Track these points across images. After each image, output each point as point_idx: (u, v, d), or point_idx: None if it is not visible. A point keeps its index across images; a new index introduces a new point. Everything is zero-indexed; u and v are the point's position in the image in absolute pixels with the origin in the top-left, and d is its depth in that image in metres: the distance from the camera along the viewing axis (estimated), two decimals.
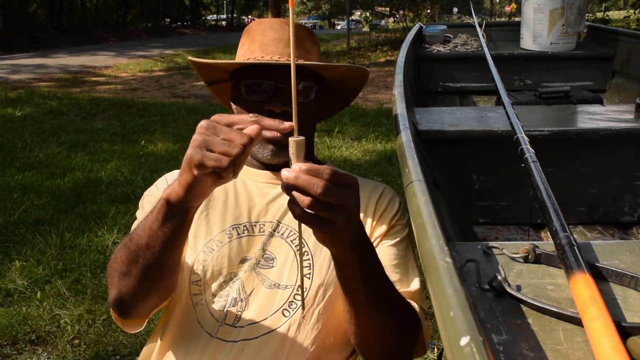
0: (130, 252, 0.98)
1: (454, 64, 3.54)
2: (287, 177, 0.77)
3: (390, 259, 1.12)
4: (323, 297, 1.10)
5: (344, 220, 0.81)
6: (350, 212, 0.82)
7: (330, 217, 0.79)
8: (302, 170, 0.77)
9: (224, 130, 0.82)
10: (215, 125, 0.83)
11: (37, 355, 2.38)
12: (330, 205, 0.78)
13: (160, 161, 5.16)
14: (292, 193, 0.78)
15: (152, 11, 35.95)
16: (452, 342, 0.60)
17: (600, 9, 20.36)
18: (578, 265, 0.85)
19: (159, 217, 0.92)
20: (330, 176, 0.78)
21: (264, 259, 1.12)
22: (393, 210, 1.19)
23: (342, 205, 0.80)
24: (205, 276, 1.11)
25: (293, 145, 0.80)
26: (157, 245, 0.94)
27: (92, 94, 9.06)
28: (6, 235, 3.50)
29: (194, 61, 1.22)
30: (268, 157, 1.16)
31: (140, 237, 0.95)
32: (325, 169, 0.78)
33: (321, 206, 0.78)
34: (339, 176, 0.79)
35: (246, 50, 1.21)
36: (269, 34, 1.18)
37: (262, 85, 1.14)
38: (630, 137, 1.87)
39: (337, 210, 0.79)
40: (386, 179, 4.46)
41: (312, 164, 0.79)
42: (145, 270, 0.97)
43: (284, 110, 1.12)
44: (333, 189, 0.77)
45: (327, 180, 0.77)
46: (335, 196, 0.78)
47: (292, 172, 0.78)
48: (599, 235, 1.88)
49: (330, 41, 20.25)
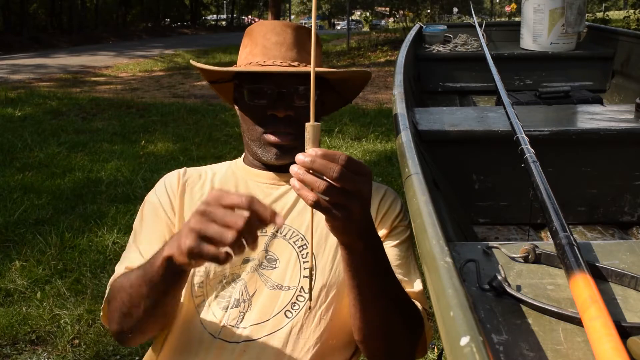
0: (132, 298, 1.00)
1: (454, 64, 3.54)
2: (304, 162, 0.78)
3: (393, 259, 1.12)
4: (326, 298, 1.10)
5: (357, 207, 0.81)
6: (364, 199, 0.83)
7: (345, 203, 0.80)
8: (318, 154, 0.78)
9: (219, 216, 0.81)
10: (210, 211, 0.82)
11: (37, 355, 2.38)
12: (345, 191, 0.79)
13: (160, 161, 5.16)
14: (306, 177, 0.77)
15: (152, 11, 35.94)
16: (452, 342, 0.60)
17: (600, 9, 20.36)
18: (578, 265, 0.85)
19: (159, 272, 0.93)
20: (346, 162, 0.78)
21: (266, 260, 1.12)
22: (395, 212, 1.20)
23: (357, 192, 0.80)
24: (207, 278, 1.11)
25: (310, 130, 0.81)
26: (159, 295, 0.98)
27: (92, 94, 9.06)
28: (6, 235, 3.50)
29: (197, 66, 1.23)
30: (272, 159, 1.17)
31: (141, 287, 0.98)
32: (341, 154, 0.79)
33: (336, 191, 0.78)
34: (354, 163, 0.80)
35: (248, 54, 1.21)
36: (270, 37, 1.19)
37: (264, 90, 1.14)
38: (630, 137, 1.87)
39: (352, 196, 0.80)
40: (386, 179, 4.46)
41: (327, 149, 0.79)
42: (146, 312, 1.01)
43: (287, 114, 1.13)
44: (348, 174, 0.78)
45: (343, 166, 0.78)
46: (351, 182, 0.79)
47: (308, 156, 0.78)
48: (599, 235, 1.88)
49: (330, 41, 20.24)
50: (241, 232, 0.79)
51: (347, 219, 0.81)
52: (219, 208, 0.82)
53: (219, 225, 0.80)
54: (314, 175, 0.78)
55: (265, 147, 1.17)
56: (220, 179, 1.24)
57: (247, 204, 0.81)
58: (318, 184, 0.77)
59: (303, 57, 1.18)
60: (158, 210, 1.18)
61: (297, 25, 1.21)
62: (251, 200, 0.81)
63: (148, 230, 1.17)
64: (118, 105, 7.94)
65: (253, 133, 1.18)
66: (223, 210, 0.82)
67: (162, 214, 1.18)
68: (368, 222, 0.89)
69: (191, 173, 1.25)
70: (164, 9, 37.59)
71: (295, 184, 0.79)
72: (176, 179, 1.22)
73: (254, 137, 1.18)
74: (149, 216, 1.19)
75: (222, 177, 1.24)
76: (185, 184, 1.22)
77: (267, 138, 1.16)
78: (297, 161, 0.78)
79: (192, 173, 1.25)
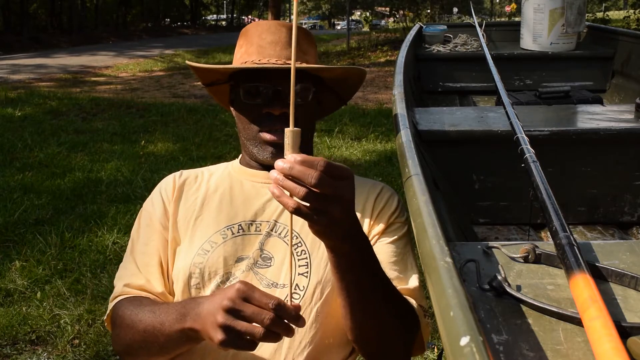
0: (146, 343, 1.03)
1: (454, 64, 3.54)
2: (282, 168, 0.78)
3: (389, 256, 1.12)
4: (320, 296, 1.10)
5: (338, 211, 0.81)
6: (345, 203, 0.83)
7: (325, 208, 0.80)
8: (296, 161, 0.78)
9: (247, 314, 0.86)
10: (237, 309, 0.87)
11: (37, 355, 2.38)
12: (325, 196, 0.79)
13: (160, 161, 5.16)
14: (285, 184, 0.78)
15: (152, 11, 35.94)
16: (452, 342, 0.60)
17: (600, 9, 20.35)
18: (578, 265, 0.85)
19: (179, 335, 0.97)
20: (324, 167, 0.78)
21: (261, 259, 1.13)
22: (391, 208, 1.19)
23: (337, 197, 0.80)
24: (203, 279, 1.11)
25: (289, 136, 0.81)
26: (174, 348, 1.02)
27: (92, 94, 9.06)
28: (6, 235, 3.50)
29: (192, 66, 1.23)
30: (268, 158, 1.17)
31: (157, 338, 1.00)
32: (319, 160, 0.79)
33: (316, 197, 0.78)
34: (333, 167, 0.80)
35: (244, 53, 1.21)
36: (265, 37, 1.19)
37: (260, 89, 1.14)
38: (630, 137, 1.87)
39: (332, 201, 0.80)
40: (386, 179, 4.46)
41: (306, 155, 0.79)
42: (159, 354, 1.05)
43: (283, 112, 1.13)
44: (328, 180, 0.78)
45: (322, 172, 0.78)
46: (330, 187, 0.79)
47: (287, 162, 0.78)
48: (599, 235, 1.88)
49: (330, 41, 20.25)
50: (269, 329, 0.85)
51: (329, 223, 0.82)
52: (245, 306, 0.87)
53: (247, 322, 0.86)
54: (293, 181, 0.78)
55: (262, 146, 1.17)
56: (216, 180, 1.24)
57: (274, 306, 0.85)
58: (297, 191, 0.78)
59: (299, 55, 1.18)
60: (152, 219, 1.20)
61: (291, 25, 1.21)
62: (278, 303, 0.86)
63: (143, 242, 1.18)
64: (118, 105, 7.94)
65: (249, 132, 1.18)
66: (250, 307, 0.86)
67: (156, 222, 1.19)
68: (353, 225, 0.89)
69: (188, 175, 1.26)
70: (164, 9, 37.59)
71: (274, 190, 0.79)
72: (172, 184, 1.23)
73: (250, 136, 1.18)
74: (144, 227, 1.20)
75: (218, 178, 1.24)
76: (181, 188, 1.22)
77: (263, 136, 1.16)
78: (275, 167, 0.79)
79: (189, 175, 1.26)
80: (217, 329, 0.87)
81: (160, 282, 1.15)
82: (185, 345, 1.02)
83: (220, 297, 0.89)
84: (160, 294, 1.13)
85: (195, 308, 0.94)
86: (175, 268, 1.15)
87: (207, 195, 1.21)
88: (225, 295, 0.88)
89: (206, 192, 1.21)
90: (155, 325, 1.00)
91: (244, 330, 0.85)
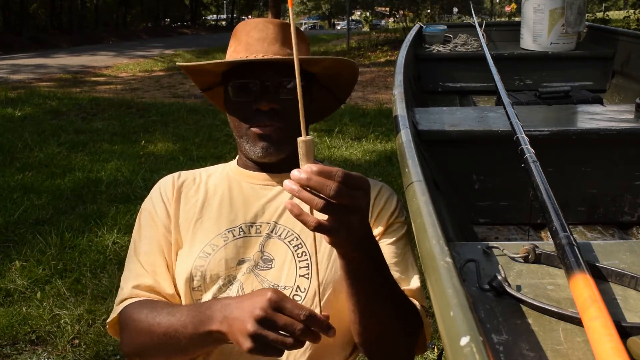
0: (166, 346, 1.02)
1: (454, 64, 3.54)
2: (299, 178, 0.77)
3: (390, 257, 1.12)
4: (322, 297, 1.09)
5: (356, 221, 0.81)
6: (363, 213, 0.82)
7: (344, 218, 0.79)
8: (313, 171, 0.77)
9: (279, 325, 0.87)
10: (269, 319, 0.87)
11: (37, 355, 2.38)
12: (342, 207, 0.78)
13: (160, 161, 5.16)
14: (302, 195, 0.77)
15: (152, 11, 35.95)
16: (452, 342, 0.60)
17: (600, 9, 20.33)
18: (578, 265, 0.85)
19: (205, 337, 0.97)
20: (342, 178, 0.77)
21: (262, 261, 1.12)
22: (391, 208, 1.19)
23: (354, 207, 0.80)
24: (204, 281, 1.11)
25: (302, 146, 0.79)
26: (197, 349, 1.02)
27: (92, 94, 9.06)
28: (6, 235, 3.50)
29: (182, 66, 1.23)
30: (259, 154, 1.16)
31: (179, 340, 0.99)
32: (337, 170, 0.78)
33: (333, 209, 0.78)
34: (351, 178, 0.79)
35: (232, 52, 1.21)
36: (253, 34, 1.19)
37: (249, 85, 1.15)
38: (630, 137, 1.87)
39: (350, 212, 0.79)
40: (386, 179, 4.46)
41: (322, 165, 0.79)
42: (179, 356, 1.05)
43: (271, 108, 1.13)
44: (346, 190, 0.77)
45: (340, 182, 0.77)
46: (348, 197, 0.78)
47: (304, 172, 0.77)
48: (599, 235, 1.88)
49: (330, 41, 20.25)
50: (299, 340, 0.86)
51: (346, 232, 0.81)
52: (277, 316, 0.87)
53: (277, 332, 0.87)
54: (310, 193, 0.77)
55: (253, 142, 1.16)
56: (215, 181, 1.24)
57: (305, 317, 0.86)
58: (316, 203, 0.77)
59: (286, 51, 1.17)
60: (154, 218, 1.19)
61: (281, 22, 1.21)
62: (309, 314, 0.86)
63: (146, 242, 1.18)
64: (118, 105, 7.94)
65: (240, 130, 1.18)
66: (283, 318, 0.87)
67: (158, 222, 1.18)
68: (367, 233, 0.89)
69: (186, 176, 1.25)
70: (164, 9, 37.58)
71: (292, 209, 0.79)
72: (170, 184, 1.23)
73: (242, 133, 1.18)
74: (145, 226, 1.20)
75: (216, 180, 1.24)
76: (180, 189, 1.22)
77: (253, 131, 1.15)
78: (292, 177, 0.77)
79: (187, 176, 1.25)
80: (247, 337, 0.87)
81: (170, 282, 1.14)
82: (209, 346, 1.02)
83: (250, 304, 0.89)
84: (170, 295, 1.12)
85: (223, 311, 0.93)
86: (177, 271, 1.14)
87: (206, 198, 1.20)
88: (257, 304, 0.87)
89: (205, 194, 1.21)
90: (177, 328, 0.99)
91: (275, 340, 0.86)
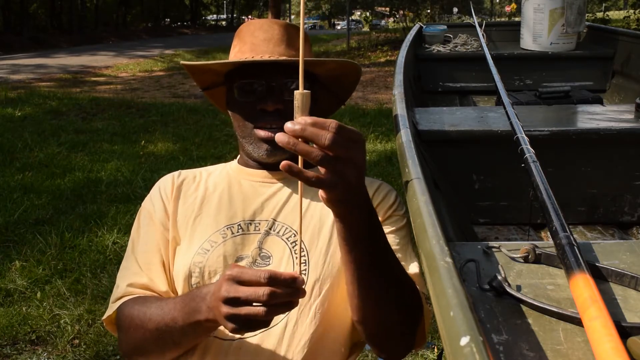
0: (160, 340, 1.04)
1: (454, 64, 3.54)
2: (293, 130, 0.77)
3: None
4: (319, 293, 1.09)
5: (353, 173, 0.81)
6: (358, 166, 0.82)
7: (340, 169, 0.79)
8: (307, 123, 0.77)
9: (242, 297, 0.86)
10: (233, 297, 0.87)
11: (37, 355, 2.38)
12: (339, 158, 0.78)
13: (160, 161, 5.16)
14: (298, 147, 0.77)
15: (152, 11, 35.94)
16: (452, 342, 0.60)
17: (600, 9, 20.33)
18: (578, 265, 0.85)
19: (196, 327, 0.98)
20: (336, 128, 0.78)
21: (260, 258, 1.13)
22: (389, 202, 1.20)
23: (350, 159, 0.80)
24: (203, 278, 1.11)
25: (298, 98, 0.80)
26: (191, 341, 1.04)
27: (92, 94, 9.06)
28: (6, 235, 3.50)
29: (186, 65, 1.23)
30: (264, 156, 1.17)
31: (172, 334, 1.01)
32: (331, 121, 0.78)
33: (329, 160, 0.78)
34: (345, 129, 0.79)
35: (237, 52, 1.22)
36: (258, 35, 1.19)
37: (254, 85, 1.15)
38: (630, 137, 1.87)
39: (346, 163, 0.79)
40: (386, 179, 4.46)
41: (316, 117, 0.79)
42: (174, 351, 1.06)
43: (276, 108, 1.14)
44: (341, 141, 0.78)
45: (335, 133, 0.77)
46: (343, 148, 0.78)
47: (298, 124, 0.77)
48: (599, 235, 1.88)
49: (330, 41, 20.25)
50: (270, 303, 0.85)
51: (344, 189, 0.81)
52: (240, 288, 0.87)
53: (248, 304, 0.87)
54: (306, 144, 0.78)
55: (256, 143, 1.17)
56: (215, 179, 1.24)
57: (266, 279, 0.85)
58: (313, 153, 0.77)
59: (291, 53, 1.18)
60: (152, 217, 1.20)
61: (285, 23, 1.22)
62: (269, 275, 0.85)
63: (144, 241, 1.18)
64: (118, 105, 7.94)
65: (244, 130, 1.18)
66: (244, 290, 0.87)
67: (156, 220, 1.19)
68: (364, 193, 0.89)
69: (186, 175, 1.26)
70: (164, 9, 37.59)
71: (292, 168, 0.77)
72: (170, 183, 1.23)
73: (245, 133, 1.18)
74: (144, 226, 1.20)
75: (216, 178, 1.25)
76: (179, 187, 1.22)
77: (257, 133, 1.16)
78: (286, 129, 0.77)
79: (187, 175, 1.26)
80: (225, 320, 0.89)
81: (164, 280, 1.14)
82: (202, 335, 1.04)
83: (217, 287, 0.91)
84: (164, 292, 1.13)
85: (204, 301, 0.95)
86: (175, 267, 1.15)
87: (206, 195, 1.21)
88: (219, 286, 0.89)
89: (205, 191, 1.22)
90: (167, 322, 1.01)
91: (247, 314, 0.86)
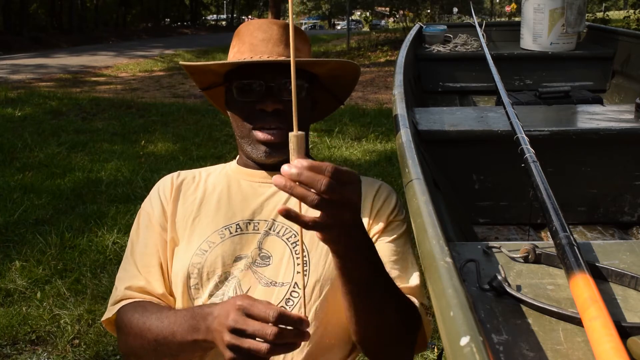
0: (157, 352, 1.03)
1: (454, 64, 3.54)
2: (290, 174, 0.76)
3: (389, 255, 1.12)
4: (320, 294, 1.10)
5: (349, 216, 0.81)
6: (354, 207, 0.82)
7: (336, 213, 0.79)
8: (304, 166, 0.77)
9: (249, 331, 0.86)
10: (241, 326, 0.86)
11: (37, 355, 2.38)
12: (334, 202, 0.78)
13: (160, 161, 5.16)
14: (296, 191, 0.77)
15: (152, 11, 35.95)
16: (452, 342, 0.60)
17: (600, 9, 20.34)
18: (578, 265, 0.85)
19: (193, 345, 0.97)
20: (333, 173, 0.77)
21: (260, 258, 1.13)
22: (390, 207, 1.19)
23: (345, 202, 0.80)
24: (201, 279, 1.11)
25: (293, 141, 0.79)
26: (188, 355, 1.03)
27: (92, 94, 9.06)
28: (6, 235, 3.50)
29: (185, 65, 1.23)
30: (262, 157, 1.17)
31: (169, 347, 1.01)
32: (327, 165, 0.77)
33: (325, 204, 0.77)
34: (341, 172, 0.79)
35: (236, 52, 1.22)
36: (257, 35, 1.19)
37: (253, 86, 1.15)
38: (630, 137, 1.87)
39: (342, 206, 0.79)
40: (386, 179, 4.46)
41: (313, 160, 0.79)
42: None
43: (275, 109, 1.13)
44: (336, 185, 0.77)
45: (331, 178, 0.77)
46: (339, 193, 0.78)
47: (295, 168, 0.77)
48: (599, 235, 1.88)
49: (330, 41, 20.24)
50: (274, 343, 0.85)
51: (339, 228, 0.81)
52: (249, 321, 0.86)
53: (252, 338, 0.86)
54: (303, 188, 0.77)
55: (255, 145, 1.17)
56: (214, 180, 1.24)
57: (274, 318, 0.85)
58: (310, 198, 0.76)
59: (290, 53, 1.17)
60: (151, 219, 1.20)
61: (284, 23, 1.21)
62: (278, 314, 0.85)
63: (143, 243, 1.19)
64: (118, 105, 7.94)
65: (243, 130, 1.18)
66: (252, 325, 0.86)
67: (155, 222, 1.19)
68: (359, 229, 0.89)
69: (185, 175, 1.26)
70: (164, 9, 37.59)
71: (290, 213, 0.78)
72: (169, 184, 1.23)
73: (244, 134, 1.18)
74: (143, 227, 1.20)
75: (215, 178, 1.25)
76: (178, 188, 1.23)
77: (256, 135, 1.16)
78: (282, 173, 0.77)
79: (187, 175, 1.26)
80: (225, 347, 0.88)
81: (161, 283, 1.15)
82: (199, 352, 1.03)
83: (224, 314, 0.89)
84: (161, 295, 1.13)
85: (204, 322, 0.94)
86: (174, 268, 1.15)
87: (205, 196, 1.21)
88: (228, 314, 0.88)
89: (204, 192, 1.22)
90: (166, 336, 1.00)
91: (249, 349, 0.86)
